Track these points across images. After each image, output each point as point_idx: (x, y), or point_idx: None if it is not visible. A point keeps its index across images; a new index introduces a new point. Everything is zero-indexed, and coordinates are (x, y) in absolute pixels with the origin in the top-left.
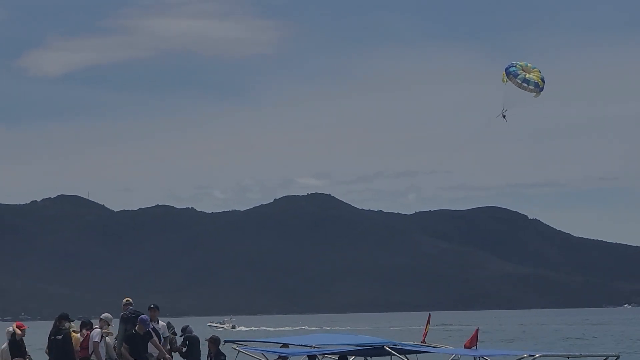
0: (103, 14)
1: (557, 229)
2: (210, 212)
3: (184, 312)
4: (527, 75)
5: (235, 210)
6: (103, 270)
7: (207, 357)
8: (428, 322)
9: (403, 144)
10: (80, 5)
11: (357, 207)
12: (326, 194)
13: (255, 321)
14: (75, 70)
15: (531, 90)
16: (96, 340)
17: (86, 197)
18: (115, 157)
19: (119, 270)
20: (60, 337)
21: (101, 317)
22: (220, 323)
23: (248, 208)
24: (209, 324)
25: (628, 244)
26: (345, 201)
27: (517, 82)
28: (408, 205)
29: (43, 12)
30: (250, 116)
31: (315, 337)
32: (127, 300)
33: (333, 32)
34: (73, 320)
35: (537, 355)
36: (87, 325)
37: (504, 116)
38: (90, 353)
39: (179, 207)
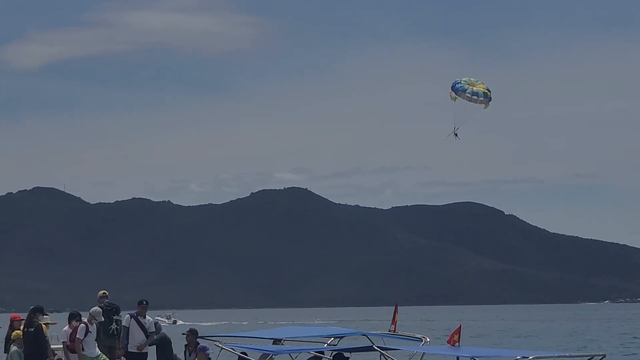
0: (83, 8)
1: (534, 224)
2: (186, 205)
3: (160, 305)
4: (475, 88)
5: (212, 204)
6: (79, 263)
7: (185, 349)
8: (396, 311)
9: (381, 139)
10: None
11: (334, 202)
12: (303, 189)
13: (229, 315)
14: (54, 63)
15: (481, 102)
16: (79, 337)
17: (62, 190)
18: (92, 149)
19: (95, 263)
20: (32, 329)
21: (90, 311)
22: (167, 318)
23: (225, 202)
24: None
25: (604, 240)
26: (322, 196)
27: (467, 96)
28: (385, 200)
29: (23, 5)
30: (228, 110)
31: (283, 330)
32: (104, 293)
33: (312, 29)
34: (47, 315)
35: (530, 358)
36: (75, 317)
37: (456, 134)
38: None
39: (156, 201)
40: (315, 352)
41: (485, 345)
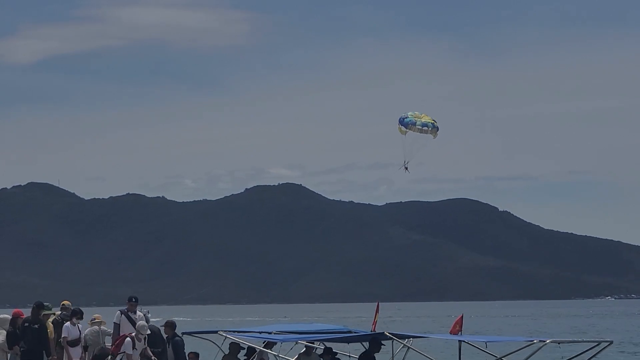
0: (76, 3)
1: (528, 221)
2: (180, 201)
3: (153, 301)
4: (423, 120)
5: (205, 200)
6: (73, 259)
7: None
8: (377, 311)
9: (375, 135)
10: None
11: (328, 198)
12: (297, 184)
13: (224, 311)
14: (48, 58)
15: (431, 132)
16: (128, 352)
17: (57, 185)
18: (86, 145)
19: (89, 259)
20: (37, 326)
21: (137, 326)
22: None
23: (219, 198)
24: None
25: (598, 236)
26: (316, 192)
27: (418, 129)
28: (379, 196)
29: (15, 0)
30: (222, 106)
31: (271, 327)
32: (67, 304)
33: (306, 24)
34: (51, 309)
35: (547, 341)
36: (77, 314)
37: (406, 168)
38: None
39: (150, 196)
40: (324, 340)
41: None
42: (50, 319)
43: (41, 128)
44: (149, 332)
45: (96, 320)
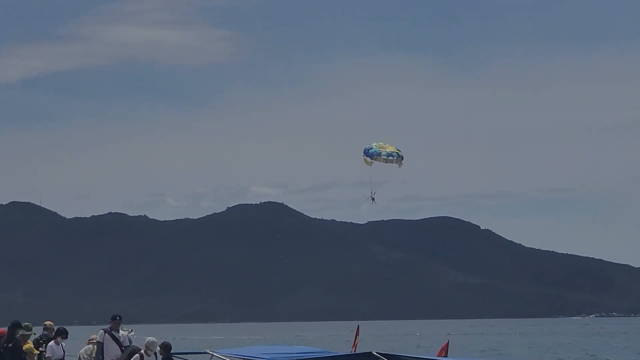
0: (60, 22)
1: (509, 239)
2: (163, 220)
3: (136, 319)
4: (387, 150)
5: (188, 219)
6: (56, 278)
7: None
8: (357, 334)
9: (357, 153)
10: (38, 13)
11: (310, 217)
12: (279, 203)
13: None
14: (32, 77)
15: (396, 161)
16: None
17: (39, 204)
18: (69, 164)
19: (72, 278)
20: (11, 345)
21: (146, 343)
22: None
23: (201, 216)
24: None
25: (580, 254)
26: (298, 210)
27: (384, 159)
28: (361, 214)
29: (0, 20)
30: (205, 124)
31: (251, 349)
32: (46, 325)
33: (288, 42)
34: (31, 329)
35: None
36: (62, 334)
37: (373, 199)
38: None
39: (132, 215)
40: None
41: None
42: (31, 339)
43: (23, 147)
44: (158, 348)
45: (93, 340)
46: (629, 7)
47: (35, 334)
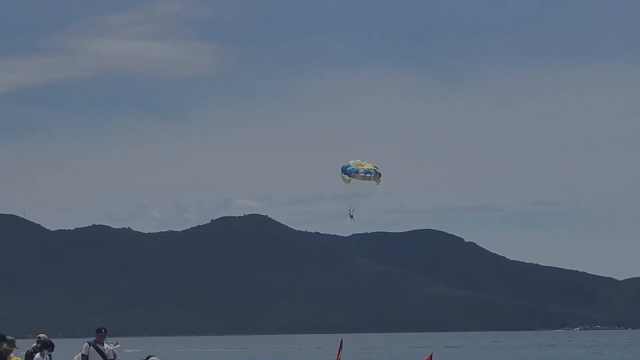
0: (42, 34)
1: (493, 252)
2: (147, 232)
3: (120, 332)
4: (365, 167)
5: (172, 231)
6: (39, 290)
7: None
8: (340, 348)
9: (341, 166)
10: (20, 25)
11: (294, 229)
12: (263, 216)
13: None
14: (15, 89)
15: (374, 178)
16: None
17: (22, 217)
18: (52, 176)
19: (56, 290)
20: None
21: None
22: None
23: (185, 229)
24: None
25: (563, 267)
26: (282, 223)
27: (361, 176)
28: (345, 227)
29: None
30: (188, 137)
31: None
32: (39, 337)
33: (272, 54)
34: (15, 344)
35: None
36: (48, 347)
37: (352, 216)
38: None
39: (116, 227)
40: None
41: None
42: (16, 354)
43: (6, 159)
44: None
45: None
46: (608, 21)
47: (18, 347)
